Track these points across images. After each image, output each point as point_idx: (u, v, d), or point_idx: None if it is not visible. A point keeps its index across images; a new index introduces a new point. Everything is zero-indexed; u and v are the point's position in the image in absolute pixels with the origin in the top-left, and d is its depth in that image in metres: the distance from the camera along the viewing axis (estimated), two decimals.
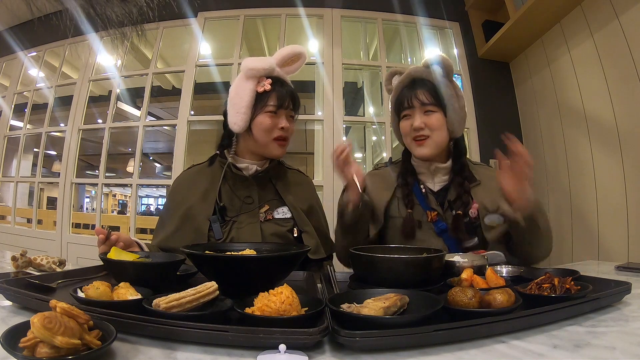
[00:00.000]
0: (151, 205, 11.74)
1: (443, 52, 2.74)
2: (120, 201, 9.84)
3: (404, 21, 2.73)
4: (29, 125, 3.17)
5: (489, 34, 2.56)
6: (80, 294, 0.63)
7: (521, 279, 0.84)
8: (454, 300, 0.62)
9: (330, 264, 1.19)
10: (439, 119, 1.09)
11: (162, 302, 0.55)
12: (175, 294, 0.57)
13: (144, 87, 2.79)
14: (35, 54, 3.24)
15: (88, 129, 2.93)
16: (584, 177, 2.05)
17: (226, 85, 2.74)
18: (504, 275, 0.90)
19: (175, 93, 3.22)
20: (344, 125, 2.60)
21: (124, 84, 3.03)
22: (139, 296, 0.62)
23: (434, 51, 2.76)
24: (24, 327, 0.44)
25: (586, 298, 0.66)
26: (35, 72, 3.23)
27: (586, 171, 2.02)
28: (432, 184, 1.15)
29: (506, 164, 0.93)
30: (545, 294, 0.66)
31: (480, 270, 0.83)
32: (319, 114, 2.65)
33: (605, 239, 1.90)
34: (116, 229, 3.45)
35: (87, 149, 4.00)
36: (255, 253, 0.82)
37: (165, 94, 3.93)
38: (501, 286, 0.70)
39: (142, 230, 3.19)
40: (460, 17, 2.72)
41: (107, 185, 4.42)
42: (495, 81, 2.68)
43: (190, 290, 0.58)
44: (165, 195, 4.09)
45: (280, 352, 0.47)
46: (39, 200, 3.26)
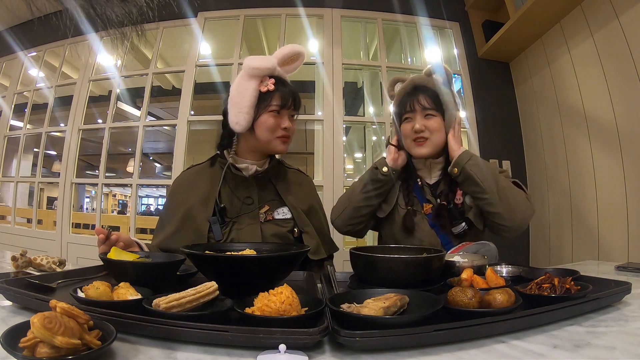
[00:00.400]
0: (151, 205, 11.75)
1: (443, 52, 2.77)
2: (120, 201, 9.85)
3: (404, 21, 2.73)
4: (29, 125, 3.17)
5: (489, 34, 2.56)
6: (80, 294, 0.63)
7: (521, 279, 0.84)
8: (454, 300, 0.62)
9: (330, 264, 1.20)
10: (438, 123, 1.18)
11: (162, 302, 0.55)
12: (175, 294, 0.57)
13: (144, 87, 2.78)
14: (35, 54, 3.24)
15: (88, 129, 2.93)
16: (584, 177, 2.05)
17: (226, 85, 2.74)
18: (504, 275, 0.90)
19: (175, 93, 3.22)
20: (344, 125, 2.60)
21: (124, 84, 3.03)
22: (139, 296, 0.62)
23: (434, 51, 2.77)
24: (24, 327, 0.44)
25: (586, 298, 0.66)
26: (35, 72, 3.23)
27: (586, 171, 2.02)
28: (429, 178, 1.25)
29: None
30: (545, 294, 0.66)
31: (480, 270, 0.83)
32: (319, 114, 2.65)
33: (605, 239, 1.90)
34: (116, 229, 3.44)
35: (87, 149, 4.00)
36: (255, 253, 0.82)
37: (165, 94, 3.93)
38: (501, 286, 0.71)
39: (142, 230, 3.19)
40: (460, 17, 2.72)
41: (107, 185, 4.42)
42: (495, 81, 2.68)
43: (190, 290, 0.58)
44: (165, 195, 4.09)
45: (280, 352, 0.47)
46: (39, 200, 3.26)
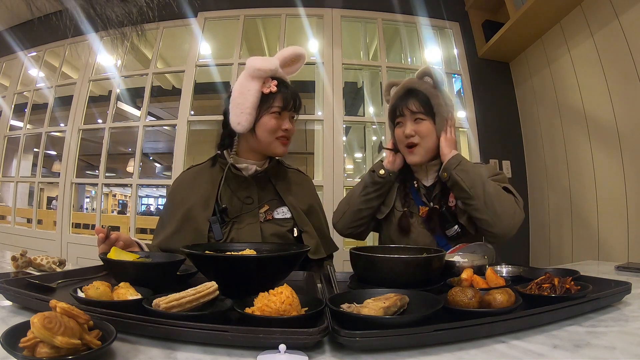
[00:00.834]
0: (151, 205, 11.74)
1: (443, 52, 2.77)
2: (120, 201, 9.85)
3: (404, 21, 2.73)
4: (29, 125, 3.17)
5: (489, 34, 2.56)
6: (80, 294, 0.63)
7: (521, 279, 0.85)
8: (454, 300, 0.62)
9: (330, 264, 1.20)
10: (428, 127, 1.17)
11: (162, 302, 0.55)
12: (175, 294, 0.57)
13: (144, 87, 2.79)
14: (35, 54, 3.24)
15: (88, 129, 2.93)
16: (584, 177, 2.05)
17: (226, 85, 2.75)
18: (504, 275, 0.90)
19: (175, 93, 3.22)
20: (344, 125, 2.60)
21: (124, 84, 3.03)
22: (139, 296, 0.62)
23: (434, 51, 2.77)
24: (24, 327, 0.44)
25: (586, 298, 0.66)
26: (35, 72, 3.23)
27: (586, 171, 2.02)
28: (426, 180, 1.24)
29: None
30: (545, 294, 0.66)
31: (480, 270, 0.83)
32: (319, 114, 2.65)
33: (605, 239, 1.90)
34: (116, 229, 3.44)
35: (87, 149, 3.99)
36: (255, 253, 0.82)
37: (165, 94, 3.93)
38: (501, 286, 0.70)
39: (142, 230, 3.19)
40: (460, 17, 2.72)
41: (107, 185, 4.42)
42: (495, 81, 2.68)
43: (190, 290, 0.58)
44: (165, 195, 4.09)
45: (280, 352, 0.47)
46: (39, 200, 3.26)
